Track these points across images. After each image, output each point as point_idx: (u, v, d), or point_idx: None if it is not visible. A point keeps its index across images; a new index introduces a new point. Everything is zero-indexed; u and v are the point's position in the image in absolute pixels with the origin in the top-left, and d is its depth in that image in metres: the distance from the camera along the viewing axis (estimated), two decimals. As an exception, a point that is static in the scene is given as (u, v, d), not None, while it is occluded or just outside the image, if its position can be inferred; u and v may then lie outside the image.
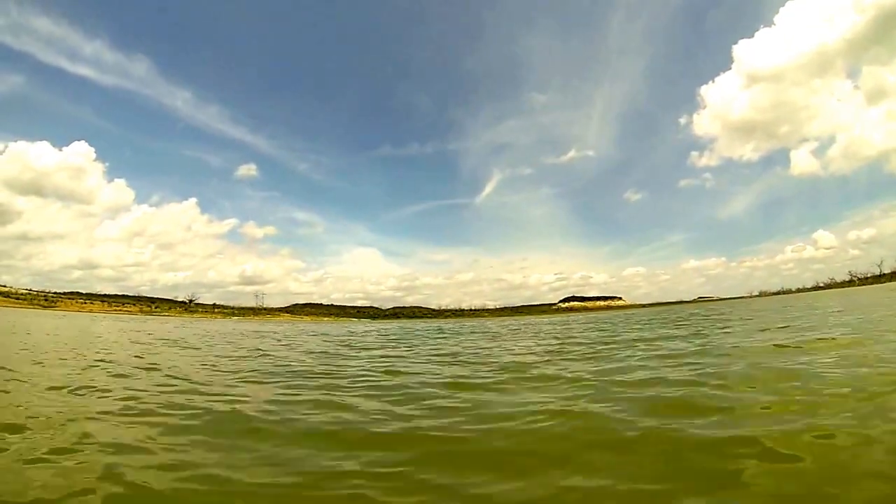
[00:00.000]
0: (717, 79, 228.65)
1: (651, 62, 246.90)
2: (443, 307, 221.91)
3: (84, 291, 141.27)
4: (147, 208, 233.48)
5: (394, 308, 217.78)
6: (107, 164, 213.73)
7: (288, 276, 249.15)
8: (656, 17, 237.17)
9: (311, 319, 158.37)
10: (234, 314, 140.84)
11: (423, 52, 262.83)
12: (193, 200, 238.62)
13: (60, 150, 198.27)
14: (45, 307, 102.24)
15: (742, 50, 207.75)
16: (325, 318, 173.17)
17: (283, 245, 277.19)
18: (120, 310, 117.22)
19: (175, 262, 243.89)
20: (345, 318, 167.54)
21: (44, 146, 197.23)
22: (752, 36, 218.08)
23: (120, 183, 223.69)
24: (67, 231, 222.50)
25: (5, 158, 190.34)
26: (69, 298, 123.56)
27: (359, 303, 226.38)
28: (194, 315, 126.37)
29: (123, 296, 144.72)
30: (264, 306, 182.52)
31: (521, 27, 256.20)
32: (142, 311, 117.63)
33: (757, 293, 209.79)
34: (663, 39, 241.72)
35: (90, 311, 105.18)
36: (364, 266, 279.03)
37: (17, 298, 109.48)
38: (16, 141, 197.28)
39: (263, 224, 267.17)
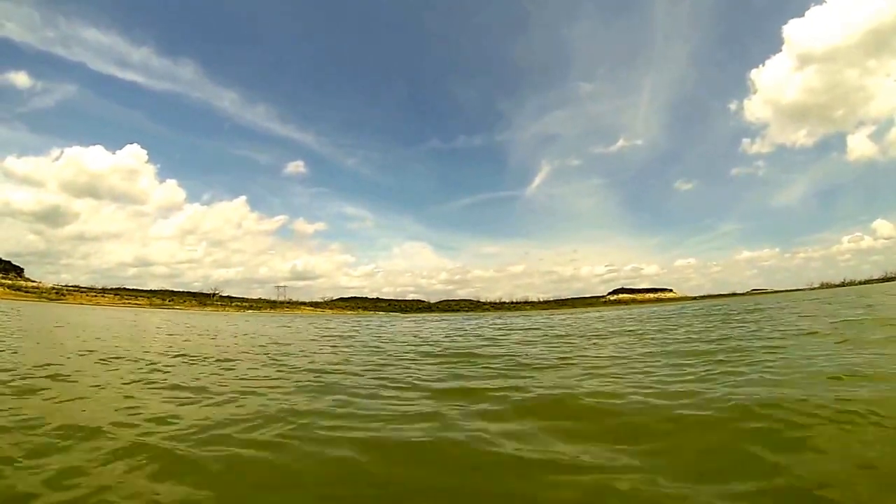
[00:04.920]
0: (767, 62, 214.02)
1: (698, 46, 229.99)
2: (483, 300, 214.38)
3: (130, 287, 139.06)
4: (198, 207, 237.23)
5: (427, 303, 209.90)
6: (158, 165, 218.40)
7: (338, 270, 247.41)
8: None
9: (332, 313, 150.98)
10: (249, 308, 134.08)
11: (469, 45, 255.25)
12: (243, 198, 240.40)
13: (114, 153, 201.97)
14: (50, 300, 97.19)
15: (792, 30, 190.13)
16: (349, 312, 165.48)
17: (333, 240, 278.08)
18: (129, 303, 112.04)
19: (227, 259, 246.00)
20: (371, 312, 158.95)
21: (98, 150, 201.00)
22: (802, 15, 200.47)
23: (171, 183, 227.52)
24: (122, 230, 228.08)
25: (62, 163, 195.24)
26: (81, 292, 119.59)
27: (410, 296, 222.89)
28: (206, 308, 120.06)
29: (136, 290, 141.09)
30: (287, 300, 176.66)
31: (564, 15, 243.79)
32: (151, 305, 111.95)
33: (818, 285, 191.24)
34: (710, 22, 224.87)
35: (96, 304, 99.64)
36: (415, 260, 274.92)
37: (27, 292, 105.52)
38: (71, 146, 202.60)
39: (313, 220, 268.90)
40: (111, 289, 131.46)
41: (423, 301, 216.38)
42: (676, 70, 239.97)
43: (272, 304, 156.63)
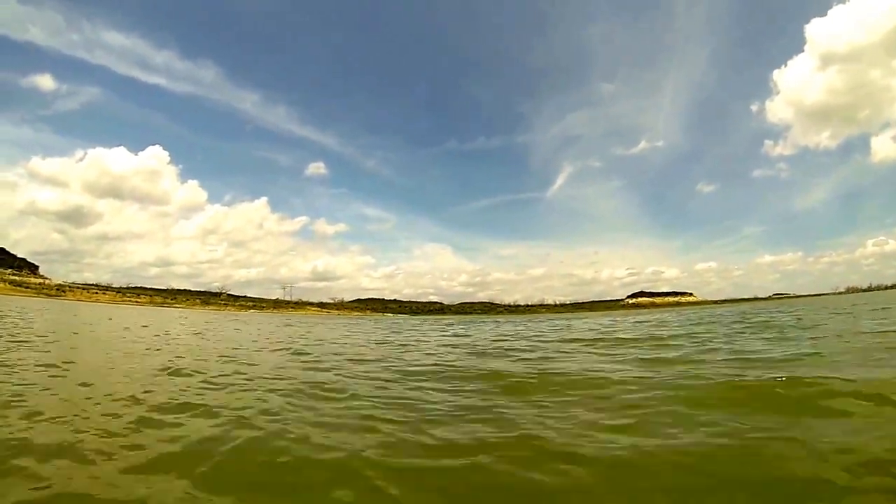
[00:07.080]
0: (789, 62, 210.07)
1: (719, 47, 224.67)
2: (500, 303, 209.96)
3: (147, 286, 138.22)
4: (219, 208, 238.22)
5: (441, 304, 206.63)
6: (180, 166, 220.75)
7: (359, 272, 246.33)
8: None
9: (338, 314, 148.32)
10: (252, 307, 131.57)
11: (487, 47, 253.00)
12: (264, 199, 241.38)
13: (136, 154, 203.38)
14: (49, 297, 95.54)
15: (814, 30, 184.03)
16: (355, 313, 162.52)
17: (354, 241, 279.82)
18: (128, 300, 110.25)
19: (248, 259, 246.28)
20: (381, 314, 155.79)
21: (121, 152, 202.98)
22: (824, 14, 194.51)
23: (193, 184, 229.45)
24: (145, 230, 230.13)
25: (85, 164, 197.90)
26: (81, 289, 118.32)
27: (430, 298, 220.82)
28: (208, 307, 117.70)
29: (139, 287, 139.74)
30: (295, 300, 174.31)
31: (583, 16, 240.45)
32: (152, 303, 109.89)
33: (843, 290, 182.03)
34: (731, 22, 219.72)
35: (95, 301, 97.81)
36: (435, 261, 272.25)
37: (27, 288, 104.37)
38: (95, 147, 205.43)
39: (334, 221, 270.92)
40: (114, 287, 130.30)
41: (438, 303, 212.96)
42: (697, 71, 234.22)
43: (276, 304, 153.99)
